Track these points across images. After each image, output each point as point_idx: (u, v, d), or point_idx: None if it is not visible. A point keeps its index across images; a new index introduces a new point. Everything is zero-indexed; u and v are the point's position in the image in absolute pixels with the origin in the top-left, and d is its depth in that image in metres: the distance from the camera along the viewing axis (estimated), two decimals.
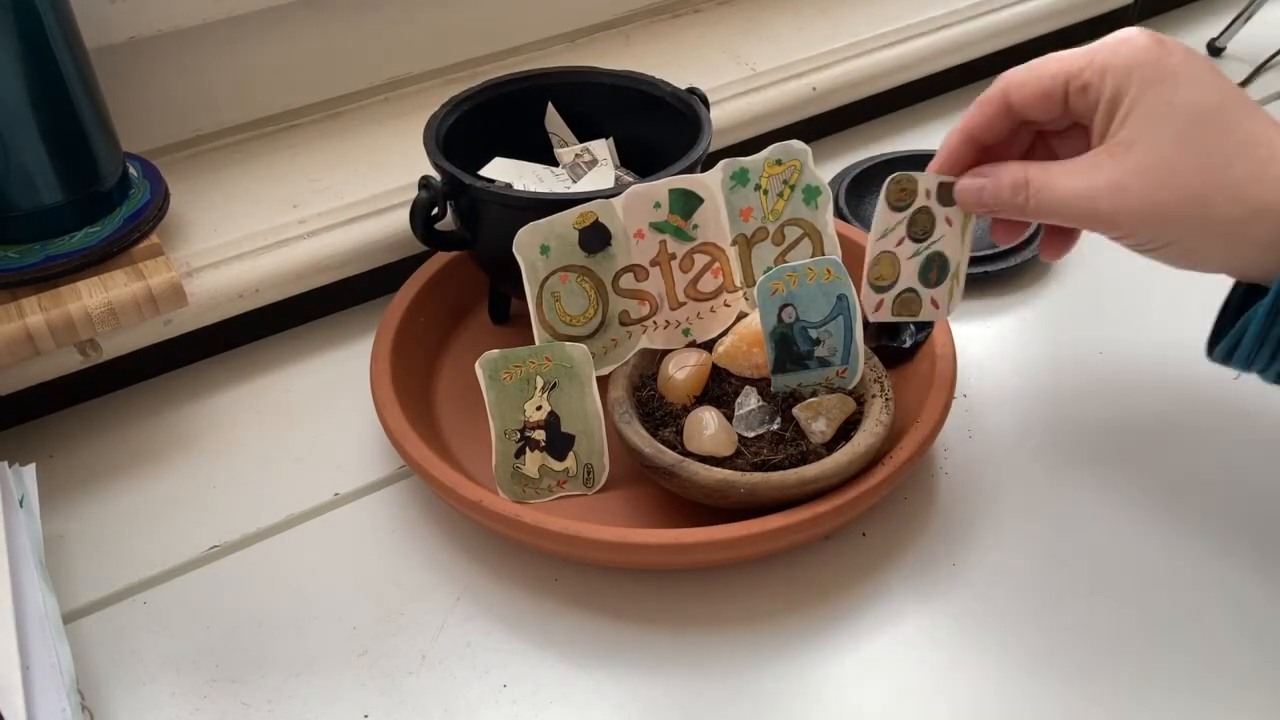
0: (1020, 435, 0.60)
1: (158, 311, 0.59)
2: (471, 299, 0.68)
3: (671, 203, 0.55)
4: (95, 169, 0.59)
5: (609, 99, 0.66)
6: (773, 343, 0.54)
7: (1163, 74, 0.44)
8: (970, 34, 0.87)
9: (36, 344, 0.56)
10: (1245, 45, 0.93)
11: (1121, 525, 0.54)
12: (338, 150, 0.73)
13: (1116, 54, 0.45)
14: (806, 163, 0.56)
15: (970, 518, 0.55)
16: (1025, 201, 0.47)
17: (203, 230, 0.66)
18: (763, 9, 0.89)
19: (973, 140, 0.50)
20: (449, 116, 0.62)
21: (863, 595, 0.51)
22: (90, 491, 0.58)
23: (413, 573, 0.53)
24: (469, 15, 0.79)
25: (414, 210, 0.58)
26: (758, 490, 0.50)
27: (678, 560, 0.51)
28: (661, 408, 0.55)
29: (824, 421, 0.53)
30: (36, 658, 0.45)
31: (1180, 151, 0.44)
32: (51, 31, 0.55)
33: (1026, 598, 0.51)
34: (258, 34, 0.71)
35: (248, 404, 0.64)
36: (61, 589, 0.52)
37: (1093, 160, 0.45)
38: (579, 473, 0.55)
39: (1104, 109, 0.45)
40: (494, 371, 0.53)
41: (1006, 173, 0.48)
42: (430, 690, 0.48)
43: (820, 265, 0.52)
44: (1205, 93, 0.44)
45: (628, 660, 0.49)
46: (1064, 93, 0.46)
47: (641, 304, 0.57)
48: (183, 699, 0.48)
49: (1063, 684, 0.47)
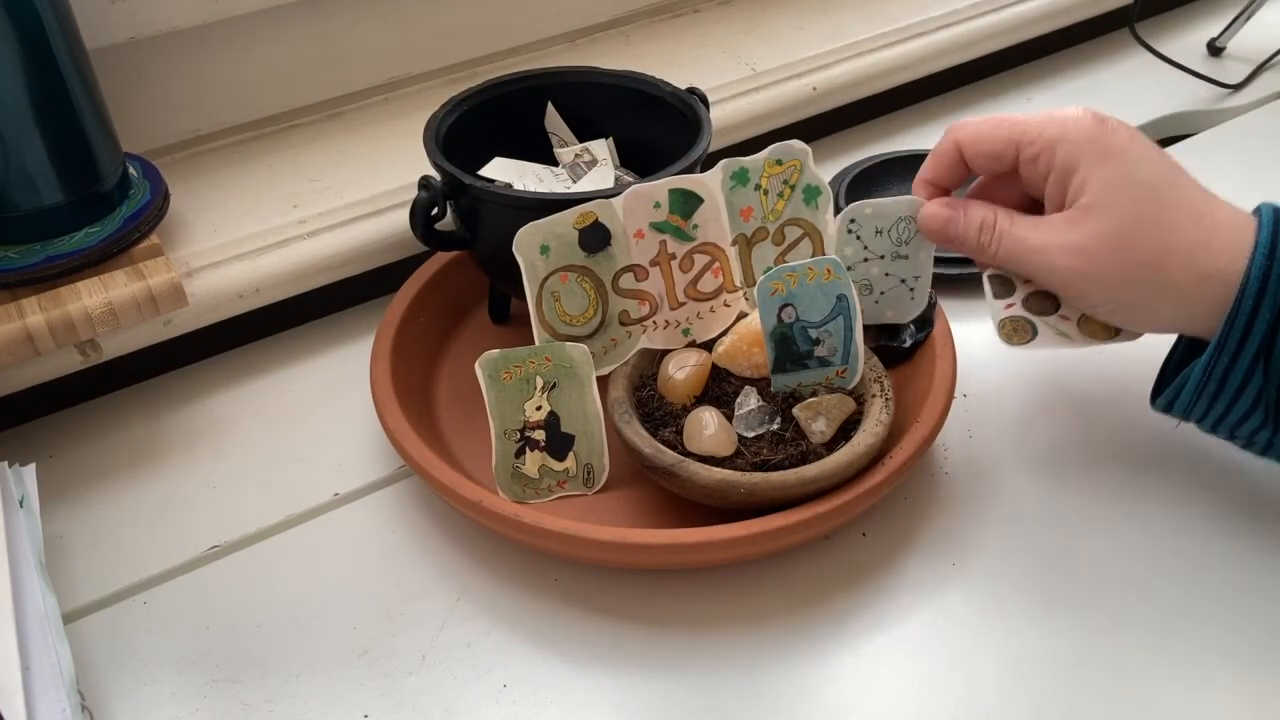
0: (1020, 435, 0.60)
1: (158, 312, 0.59)
2: (471, 299, 0.68)
3: (671, 203, 0.55)
4: (95, 169, 0.59)
5: (609, 99, 0.66)
6: (773, 343, 0.54)
7: (1111, 150, 0.48)
8: (970, 34, 0.87)
9: (36, 344, 0.56)
10: (1245, 45, 0.93)
11: (1121, 524, 0.54)
12: (338, 150, 0.73)
13: (1065, 129, 0.49)
14: (806, 163, 0.56)
15: (970, 518, 0.55)
16: (988, 244, 0.51)
17: (203, 230, 0.66)
18: (763, 9, 0.89)
19: (935, 187, 0.54)
20: (449, 116, 0.62)
21: (863, 595, 0.51)
22: (90, 491, 0.58)
23: (413, 573, 0.53)
24: (469, 15, 0.79)
25: (414, 210, 0.58)
26: (758, 490, 0.50)
27: (678, 560, 0.51)
28: (661, 408, 0.55)
29: (824, 421, 0.53)
30: (36, 658, 0.45)
31: (1137, 220, 0.47)
32: (51, 31, 0.55)
33: (1027, 597, 0.51)
34: (258, 34, 0.71)
35: (248, 404, 0.64)
36: (61, 589, 0.52)
37: (1055, 221, 0.49)
38: (579, 473, 0.55)
39: (1055, 179, 0.49)
40: (494, 371, 0.53)
41: (974, 211, 0.52)
42: (430, 690, 0.48)
43: (820, 265, 0.52)
44: (1154, 168, 0.48)
45: (628, 660, 0.49)
46: (1014, 157, 0.51)
47: (641, 304, 0.57)
48: (183, 699, 0.48)
49: (1063, 683, 0.47)
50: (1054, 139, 0.49)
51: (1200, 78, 0.90)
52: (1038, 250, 0.49)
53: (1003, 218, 0.51)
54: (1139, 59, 0.91)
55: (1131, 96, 0.90)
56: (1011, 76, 0.94)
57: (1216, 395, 0.48)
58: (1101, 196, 0.48)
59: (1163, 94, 0.89)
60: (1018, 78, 0.94)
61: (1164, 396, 0.51)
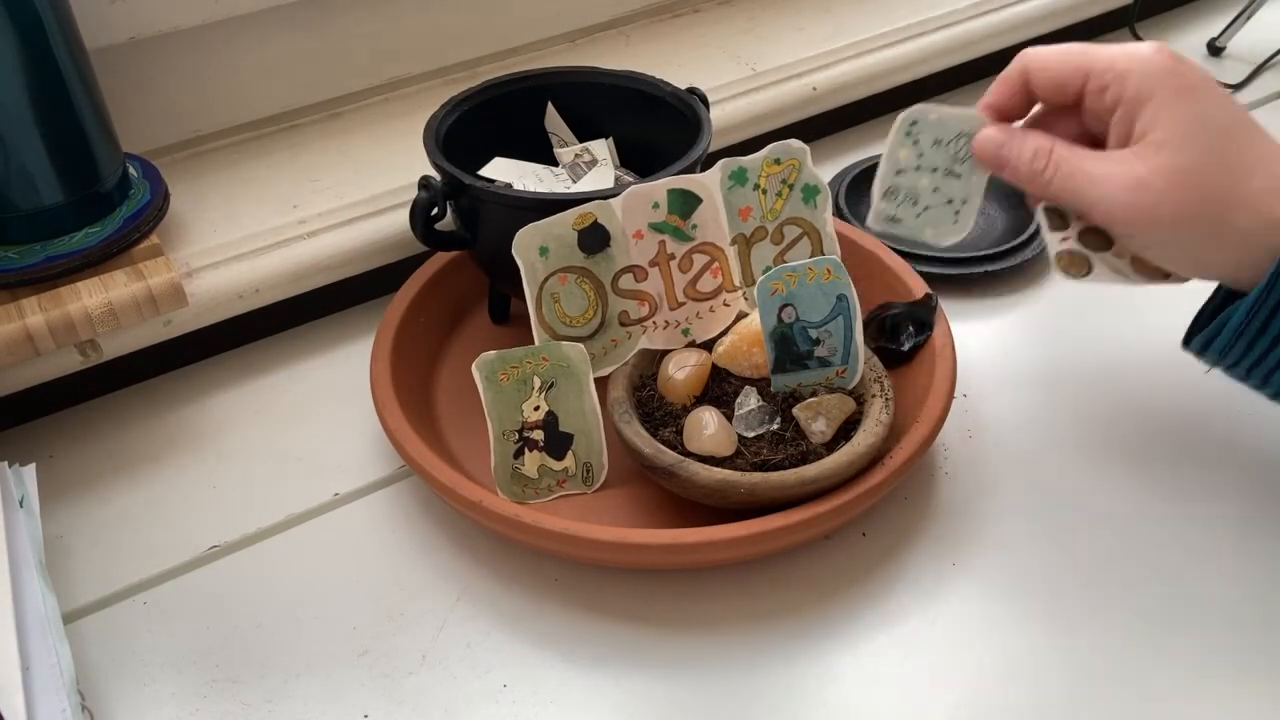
0: (1020, 435, 0.60)
1: (158, 312, 0.59)
2: (471, 299, 0.68)
3: (670, 203, 0.55)
4: (95, 169, 0.59)
5: (609, 99, 0.66)
6: (772, 343, 0.54)
7: (1186, 87, 0.46)
8: (970, 34, 0.87)
9: (36, 344, 0.56)
10: (1245, 45, 0.93)
11: (1122, 524, 0.54)
12: (338, 150, 0.73)
13: (1139, 62, 0.47)
14: (805, 162, 0.56)
15: (970, 518, 0.55)
16: (1043, 171, 0.49)
17: (203, 230, 0.66)
18: (763, 9, 0.89)
19: (997, 111, 0.52)
20: (449, 116, 0.62)
21: (863, 595, 0.51)
22: (90, 491, 0.58)
23: (413, 573, 0.53)
24: (469, 15, 0.79)
25: (414, 210, 0.58)
26: (758, 490, 0.50)
27: (678, 560, 0.51)
28: (661, 408, 0.55)
29: (824, 421, 0.53)
30: (36, 658, 0.45)
31: (1208, 160, 0.46)
32: (51, 31, 0.55)
33: (1026, 597, 0.51)
34: (258, 34, 0.71)
35: (248, 404, 0.64)
36: (61, 589, 0.52)
37: (1119, 155, 0.47)
38: (578, 472, 0.55)
39: (1123, 112, 0.47)
40: (491, 373, 0.53)
41: (1031, 138, 0.50)
42: (430, 690, 0.48)
43: (820, 265, 0.52)
44: (1227, 109, 0.47)
45: (628, 660, 0.49)
46: (1080, 86, 0.48)
47: (641, 304, 0.57)
48: (183, 699, 0.48)
49: (1064, 683, 0.47)
50: (1125, 70, 0.47)
51: None
52: (1097, 181, 0.47)
53: (1060, 146, 0.49)
54: None
55: None
56: None
57: (1258, 336, 0.47)
58: (1174, 133, 0.46)
59: None
60: None
61: (1201, 337, 0.50)
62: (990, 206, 0.76)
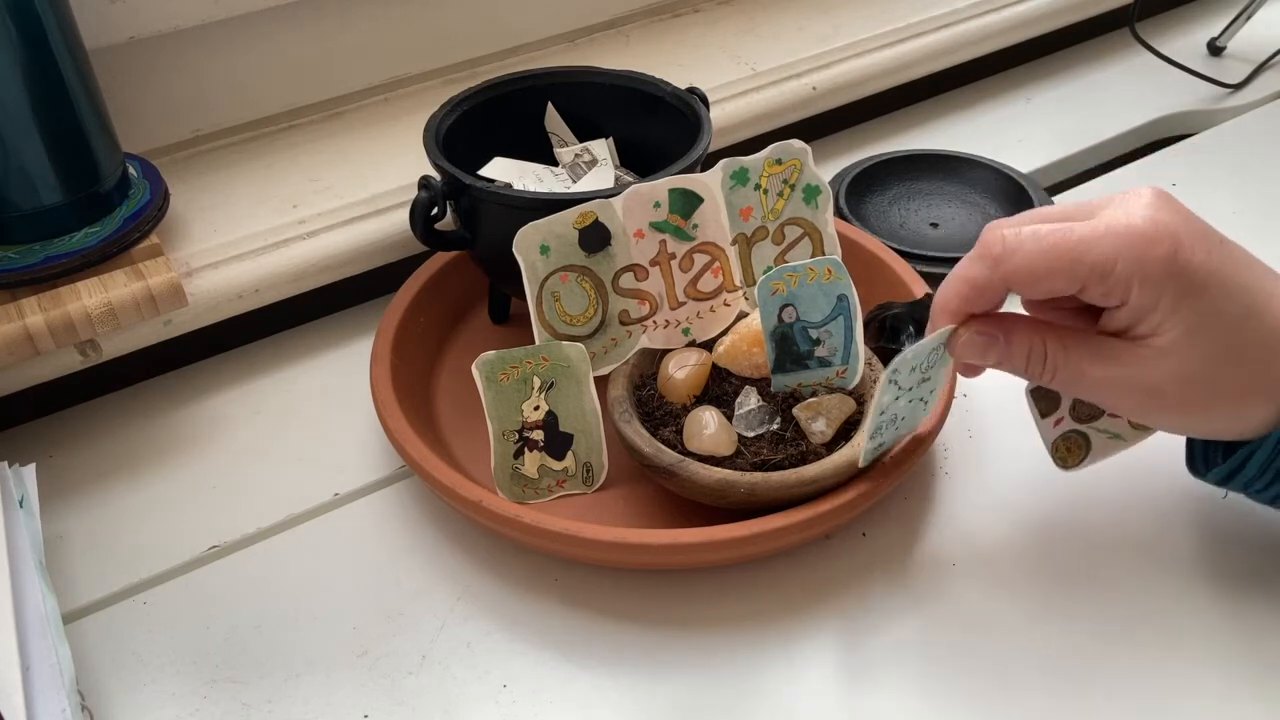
0: (1020, 435, 0.59)
1: (157, 312, 0.59)
2: (471, 299, 0.68)
3: (671, 202, 0.55)
4: (95, 169, 0.59)
5: (609, 99, 0.66)
6: (773, 343, 0.54)
7: (1194, 287, 0.43)
8: (970, 34, 0.87)
9: (36, 344, 0.56)
10: (1245, 45, 0.93)
11: (1122, 524, 0.54)
12: (338, 150, 0.73)
13: (1139, 265, 0.43)
14: (806, 162, 0.56)
15: (970, 518, 0.55)
16: (1040, 375, 0.46)
17: (203, 230, 0.66)
18: (763, 9, 0.89)
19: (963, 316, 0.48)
20: (449, 116, 0.62)
21: (863, 595, 0.51)
22: (90, 491, 0.58)
23: (413, 573, 0.53)
24: (469, 15, 0.79)
25: (414, 210, 0.58)
26: (758, 490, 0.50)
27: (678, 560, 0.51)
28: (661, 407, 0.55)
29: (824, 421, 0.53)
30: (36, 658, 0.45)
31: (1222, 366, 0.44)
32: (51, 31, 0.55)
33: (1027, 598, 0.51)
34: (258, 34, 0.71)
35: (248, 404, 0.64)
36: (61, 589, 0.52)
37: (1124, 356, 0.45)
38: (578, 471, 0.55)
39: (1127, 314, 0.44)
40: (490, 373, 0.53)
41: (1018, 339, 0.46)
42: (430, 690, 0.48)
43: (821, 265, 0.52)
44: (1236, 300, 0.44)
45: (628, 660, 0.49)
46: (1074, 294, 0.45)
47: (641, 304, 0.57)
48: (183, 699, 0.48)
49: (1064, 684, 0.47)
50: (1126, 277, 0.43)
51: (1200, 77, 0.90)
52: (1101, 385, 0.45)
53: (1053, 346, 0.46)
54: (1139, 59, 0.91)
55: (1131, 96, 0.90)
56: (1011, 76, 0.94)
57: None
58: (1184, 336, 0.43)
59: (1163, 94, 0.89)
60: (1018, 78, 0.94)
61: (1218, 472, 0.48)
62: (990, 206, 0.76)
